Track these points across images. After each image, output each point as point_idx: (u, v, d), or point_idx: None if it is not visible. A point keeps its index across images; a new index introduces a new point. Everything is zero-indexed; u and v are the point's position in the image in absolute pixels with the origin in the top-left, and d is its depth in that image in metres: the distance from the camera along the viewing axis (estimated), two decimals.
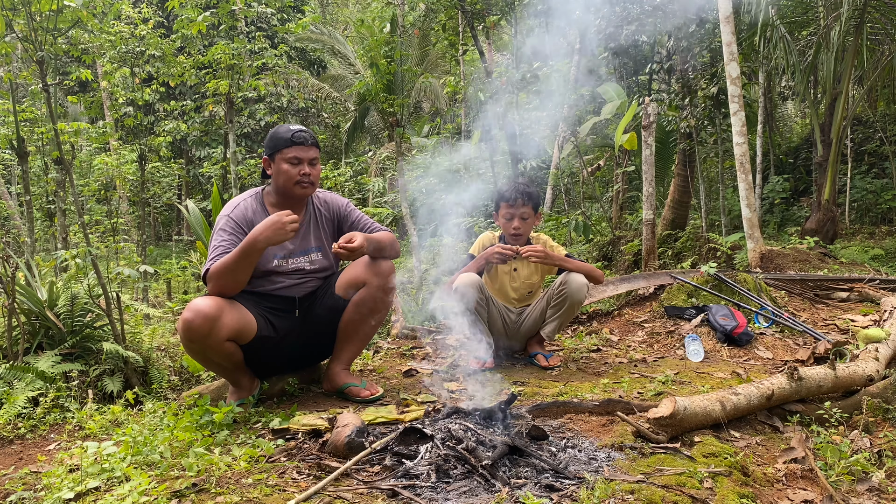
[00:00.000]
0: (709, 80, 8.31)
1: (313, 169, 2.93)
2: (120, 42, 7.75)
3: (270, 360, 3.02)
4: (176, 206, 13.52)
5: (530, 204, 3.64)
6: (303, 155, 2.89)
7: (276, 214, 2.67)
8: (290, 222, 2.65)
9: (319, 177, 3.01)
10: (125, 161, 9.41)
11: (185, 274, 8.39)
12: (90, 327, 3.73)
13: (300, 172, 2.89)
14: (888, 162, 12.51)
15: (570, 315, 3.67)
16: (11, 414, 2.88)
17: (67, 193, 8.32)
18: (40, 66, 3.94)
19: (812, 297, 5.04)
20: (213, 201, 4.91)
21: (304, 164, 2.89)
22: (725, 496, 1.86)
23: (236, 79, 8.43)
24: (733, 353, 3.88)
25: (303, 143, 2.88)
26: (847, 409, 2.66)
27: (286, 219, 2.65)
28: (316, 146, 2.96)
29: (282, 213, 2.67)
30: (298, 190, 2.92)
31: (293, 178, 2.89)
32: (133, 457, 2.17)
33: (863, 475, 2.12)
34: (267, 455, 2.22)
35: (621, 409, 2.55)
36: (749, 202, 6.40)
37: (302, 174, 2.89)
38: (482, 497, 1.86)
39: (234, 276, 2.70)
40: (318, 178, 3.00)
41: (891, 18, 7.97)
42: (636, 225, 9.59)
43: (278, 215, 2.66)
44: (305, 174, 2.89)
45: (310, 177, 2.91)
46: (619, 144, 7.85)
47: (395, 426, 2.45)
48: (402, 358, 4.04)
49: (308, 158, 2.90)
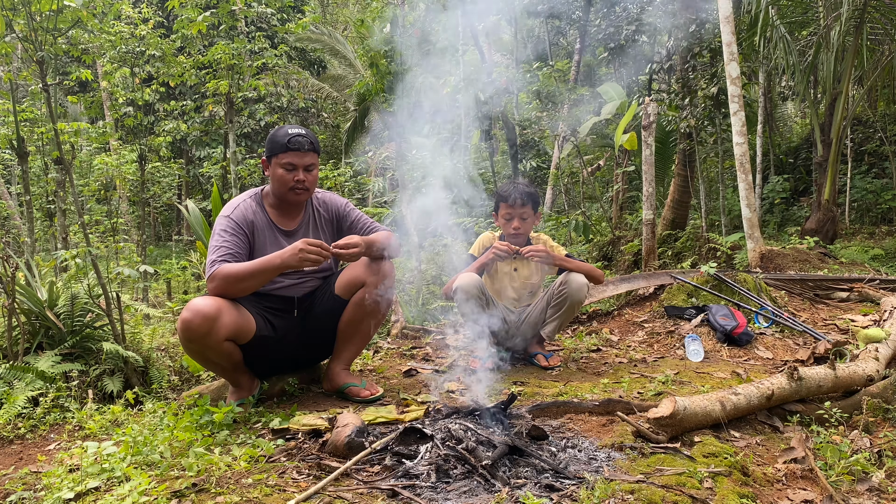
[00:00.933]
0: (709, 80, 8.31)
1: (309, 175, 2.90)
2: (120, 42, 7.75)
3: (270, 360, 3.02)
4: (176, 206, 13.52)
5: (530, 204, 3.63)
6: (298, 161, 2.87)
7: (303, 241, 2.65)
8: (310, 253, 2.62)
9: (316, 182, 2.98)
10: (125, 161, 9.41)
11: (185, 274, 8.38)
12: (90, 327, 3.73)
13: (294, 179, 2.88)
14: (888, 162, 12.51)
15: (570, 315, 3.67)
16: (11, 414, 2.88)
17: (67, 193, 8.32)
18: (40, 66, 3.94)
19: (812, 297, 5.04)
20: (213, 201, 4.91)
21: (300, 170, 2.87)
22: (725, 496, 1.86)
23: (236, 79, 8.43)
24: (733, 353, 3.88)
25: (298, 148, 2.85)
26: (847, 409, 2.66)
27: (306, 248, 2.62)
28: (314, 151, 2.91)
29: (306, 242, 2.64)
30: (292, 196, 2.92)
31: (287, 184, 2.89)
32: (133, 457, 2.17)
33: (863, 475, 2.12)
34: (267, 455, 2.22)
35: (621, 409, 2.55)
36: (749, 202, 6.40)
37: (296, 180, 2.88)
38: (482, 497, 1.86)
39: (242, 285, 2.70)
40: (315, 184, 2.97)
41: (891, 18, 7.97)
42: (636, 225, 9.58)
43: (303, 242, 2.64)
44: (299, 181, 2.88)
45: (304, 183, 2.89)
46: (619, 144, 7.86)
47: (395, 426, 2.45)
48: (402, 358, 4.04)
49: (303, 165, 2.88)
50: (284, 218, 3.01)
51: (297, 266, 2.67)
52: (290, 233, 2.99)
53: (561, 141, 10.07)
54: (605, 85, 13.02)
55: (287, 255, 2.65)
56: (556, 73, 10.46)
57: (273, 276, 2.74)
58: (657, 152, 9.97)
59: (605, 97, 12.08)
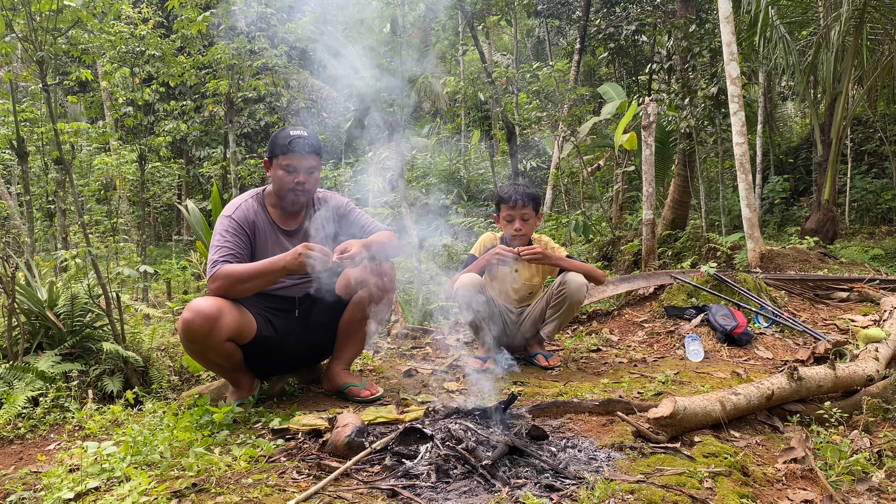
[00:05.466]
0: (709, 80, 8.31)
1: (309, 177, 2.90)
2: (120, 42, 7.74)
3: (270, 360, 3.02)
4: (176, 206, 13.52)
5: (531, 205, 3.63)
6: (298, 163, 2.86)
7: (303, 245, 2.64)
8: (310, 258, 2.61)
9: (317, 184, 2.98)
10: (125, 161, 9.40)
11: (185, 274, 8.38)
12: (90, 327, 3.72)
13: (294, 181, 2.87)
14: (888, 162, 12.51)
15: (570, 315, 3.67)
16: (11, 414, 2.88)
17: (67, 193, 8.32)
18: (40, 66, 3.94)
19: (812, 297, 5.04)
20: (213, 201, 4.90)
21: (300, 172, 2.87)
22: (725, 496, 1.86)
23: (236, 79, 8.43)
24: (733, 353, 3.88)
25: (299, 151, 2.85)
26: (847, 409, 2.66)
27: (306, 252, 2.61)
28: (315, 154, 2.90)
29: (307, 247, 2.63)
30: (291, 197, 2.91)
31: (287, 186, 2.89)
32: (133, 457, 2.17)
33: (863, 475, 2.12)
34: (267, 455, 2.22)
35: (621, 409, 2.55)
36: (749, 202, 6.40)
37: (296, 182, 2.87)
38: (482, 497, 1.86)
39: (244, 286, 2.70)
40: (316, 185, 2.96)
41: (891, 18, 7.98)
42: (636, 225, 9.59)
43: (304, 247, 2.63)
44: (299, 183, 2.87)
45: (304, 185, 2.88)
46: (619, 144, 7.86)
47: (395, 426, 2.45)
48: (402, 358, 4.04)
49: (304, 167, 2.87)
50: (286, 218, 3.01)
51: (299, 270, 2.67)
52: (291, 233, 2.99)
53: (561, 141, 10.08)
54: (605, 85, 13.02)
55: (289, 259, 2.65)
56: (556, 73, 10.46)
57: (276, 279, 2.73)
58: (657, 152, 9.99)
59: (605, 97, 12.09)
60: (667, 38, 9.81)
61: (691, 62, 8.67)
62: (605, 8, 12.61)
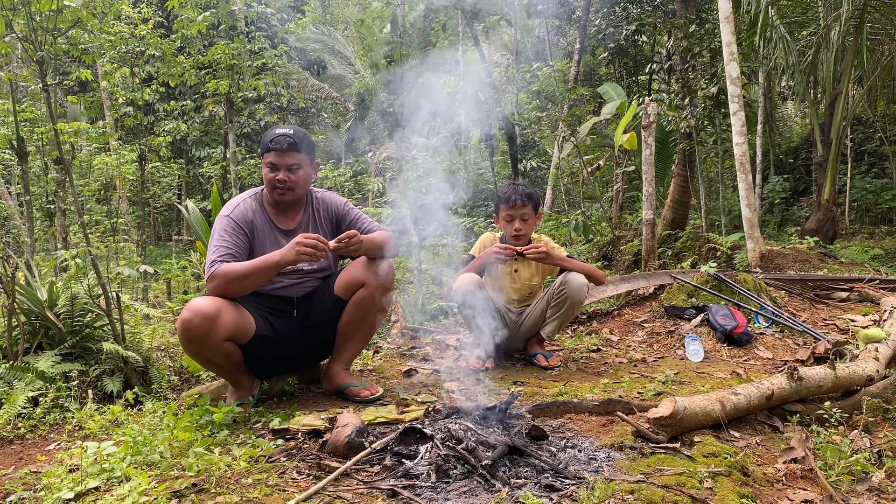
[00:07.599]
0: (709, 80, 8.31)
1: (291, 175, 2.89)
2: (120, 42, 7.74)
3: (270, 361, 3.02)
4: (176, 206, 13.52)
5: (530, 205, 3.63)
6: (279, 161, 2.87)
7: (301, 236, 2.66)
8: (307, 247, 2.63)
9: (304, 181, 2.95)
10: (125, 161, 9.41)
11: (185, 274, 8.38)
12: (90, 327, 3.72)
13: (276, 178, 2.88)
14: (888, 162, 12.51)
15: (570, 315, 3.67)
16: (11, 414, 2.88)
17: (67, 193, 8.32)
18: (40, 66, 3.94)
19: (812, 297, 5.04)
20: (213, 201, 4.90)
21: (281, 170, 2.88)
22: (725, 496, 1.86)
23: (236, 79, 8.44)
24: (733, 353, 3.88)
25: (278, 148, 2.85)
26: (847, 409, 2.66)
27: (303, 241, 2.63)
28: (295, 151, 2.87)
29: (303, 237, 2.65)
30: (275, 195, 2.92)
31: (270, 183, 2.91)
32: (133, 457, 2.17)
33: (863, 475, 2.12)
34: (267, 455, 2.22)
35: (621, 409, 2.55)
36: (749, 202, 6.40)
37: (277, 180, 2.88)
38: (482, 497, 1.86)
39: (241, 284, 2.70)
40: (302, 183, 2.93)
41: (891, 18, 7.97)
42: (636, 225, 9.58)
43: (302, 237, 2.65)
44: (280, 180, 2.88)
45: (286, 183, 2.88)
46: (619, 144, 7.86)
47: (395, 426, 2.45)
48: (402, 358, 4.04)
49: (285, 164, 2.87)
50: (284, 217, 3.01)
51: (296, 261, 2.67)
52: (289, 232, 2.99)
53: (561, 141, 10.07)
54: (605, 85, 13.02)
55: (285, 251, 2.67)
56: (556, 73, 10.46)
57: (273, 273, 2.74)
58: (657, 152, 9.98)
59: (605, 97, 12.08)
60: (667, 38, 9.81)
61: (691, 62, 8.67)
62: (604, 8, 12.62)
